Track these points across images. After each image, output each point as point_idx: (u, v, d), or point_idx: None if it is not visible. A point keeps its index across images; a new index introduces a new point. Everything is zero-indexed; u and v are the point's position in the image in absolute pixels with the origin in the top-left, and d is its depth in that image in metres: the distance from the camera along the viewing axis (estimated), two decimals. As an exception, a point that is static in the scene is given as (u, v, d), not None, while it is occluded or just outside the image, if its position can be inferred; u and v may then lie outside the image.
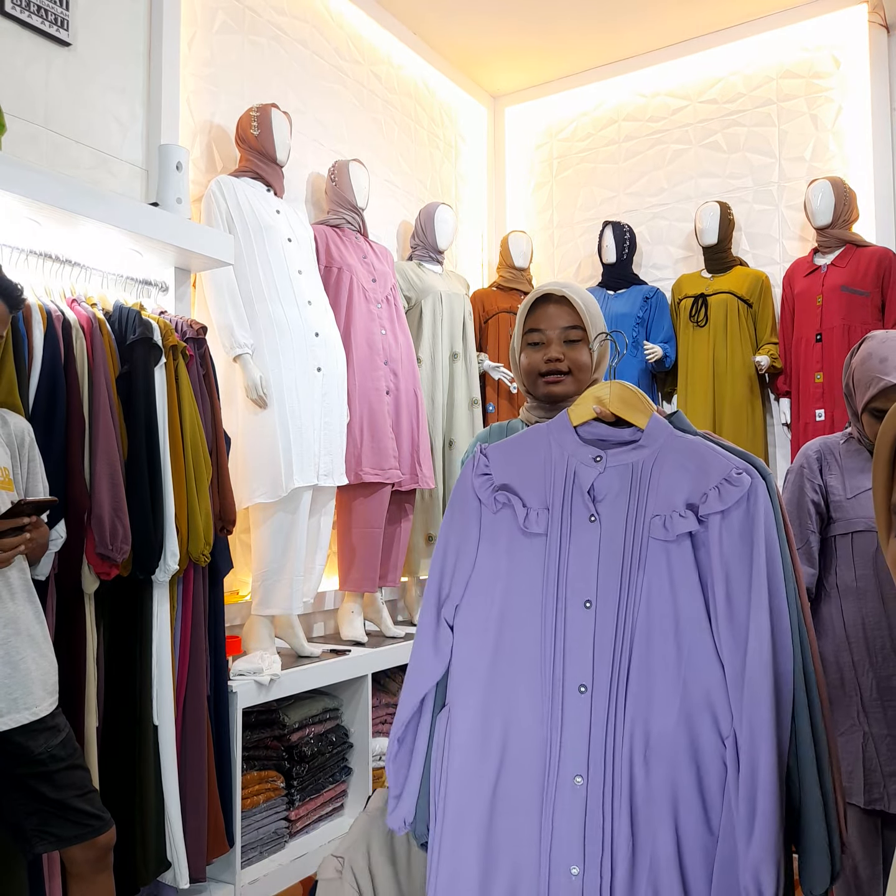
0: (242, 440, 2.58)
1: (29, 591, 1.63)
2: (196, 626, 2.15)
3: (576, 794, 1.10)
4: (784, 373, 3.48)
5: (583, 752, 1.11)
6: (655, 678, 1.11)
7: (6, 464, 1.62)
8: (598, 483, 1.20)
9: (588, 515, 1.19)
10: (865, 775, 1.68)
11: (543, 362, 1.44)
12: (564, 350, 1.44)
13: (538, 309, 1.46)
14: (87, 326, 1.95)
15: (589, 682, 1.13)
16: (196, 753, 2.10)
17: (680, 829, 1.08)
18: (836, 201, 3.31)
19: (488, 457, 1.27)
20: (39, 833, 1.59)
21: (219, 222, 2.62)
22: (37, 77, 2.32)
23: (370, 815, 1.49)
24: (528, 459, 1.25)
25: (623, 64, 4.04)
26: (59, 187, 1.95)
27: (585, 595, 1.16)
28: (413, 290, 3.42)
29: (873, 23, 3.48)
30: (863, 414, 1.71)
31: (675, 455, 1.18)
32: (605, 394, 1.24)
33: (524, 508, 1.22)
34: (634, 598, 1.14)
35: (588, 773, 1.10)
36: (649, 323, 3.71)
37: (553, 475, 1.22)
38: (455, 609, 1.24)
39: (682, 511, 1.14)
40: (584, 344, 1.45)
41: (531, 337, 1.46)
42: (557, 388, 1.44)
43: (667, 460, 1.18)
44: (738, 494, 1.12)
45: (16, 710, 1.53)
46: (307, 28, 3.30)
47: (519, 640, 1.19)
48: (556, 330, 1.44)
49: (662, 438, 1.20)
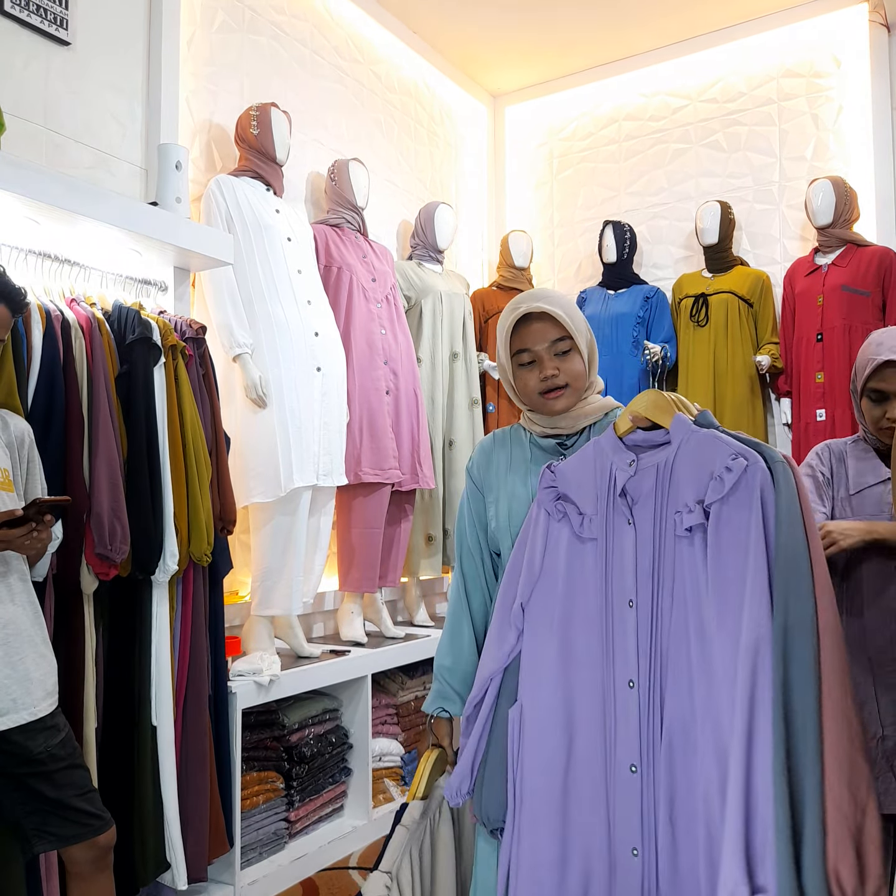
0: (242, 440, 2.57)
1: (28, 591, 1.63)
2: (196, 626, 2.14)
3: (632, 782, 1.20)
4: (785, 373, 3.47)
5: (635, 742, 1.20)
6: (683, 675, 1.17)
7: (6, 465, 1.62)
8: (630, 486, 1.27)
9: (626, 519, 1.27)
10: None
11: (540, 381, 1.43)
12: (557, 364, 1.42)
13: (521, 328, 1.44)
14: (87, 326, 1.94)
15: (636, 678, 1.21)
16: (197, 754, 2.10)
17: (709, 820, 1.12)
18: (837, 201, 3.31)
19: (555, 472, 1.37)
20: (39, 832, 1.59)
21: (218, 222, 2.62)
22: (36, 76, 2.32)
23: (408, 827, 1.49)
24: (585, 470, 1.34)
25: (623, 63, 4.04)
26: (59, 186, 1.95)
27: (628, 595, 1.24)
28: (413, 290, 3.42)
29: (874, 22, 3.47)
30: (862, 399, 1.72)
31: (690, 450, 1.22)
32: (641, 402, 1.31)
33: (579, 515, 1.31)
34: (665, 595, 1.20)
35: (640, 762, 1.20)
36: (650, 323, 3.70)
37: (600, 483, 1.31)
38: (522, 608, 1.34)
39: (692, 505, 1.18)
40: (575, 352, 1.44)
41: (521, 358, 1.44)
42: (559, 403, 1.44)
43: (683, 456, 1.23)
44: (732, 479, 1.13)
45: (14, 710, 1.53)
46: (307, 27, 3.30)
47: (578, 639, 1.28)
48: (544, 345, 1.42)
49: (681, 435, 1.24)
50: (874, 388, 1.69)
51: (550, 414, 1.46)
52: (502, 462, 1.52)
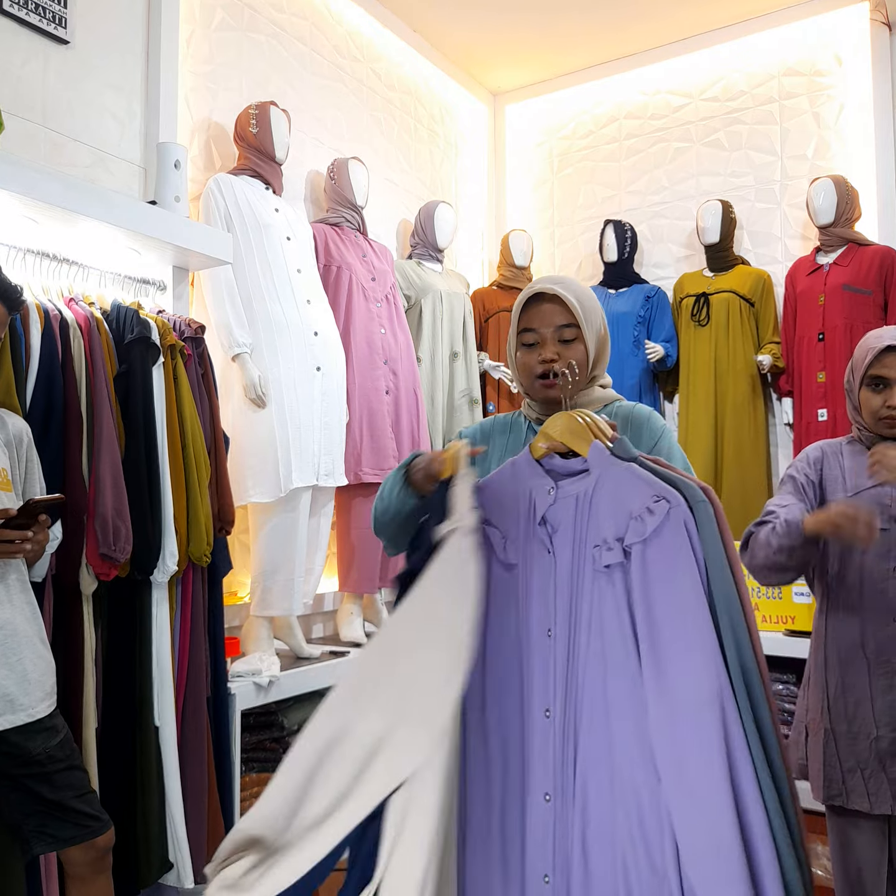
0: (241, 440, 2.56)
1: (26, 592, 1.62)
2: (195, 627, 2.14)
3: (546, 811, 1.18)
4: (786, 372, 3.47)
5: (549, 771, 1.18)
6: (599, 707, 1.15)
7: (5, 465, 1.61)
8: (550, 515, 1.24)
9: (545, 547, 1.23)
10: (825, 771, 1.69)
11: (538, 363, 1.40)
12: (559, 349, 1.40)
13: (532, 307, 1.42)
14: (85, 326, 1.94)
15: (552, 707, 1.18)
16: (196, 755, 2.09)
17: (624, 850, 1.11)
18: (839, 200, 3.30)
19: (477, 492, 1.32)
20: (38, 834, 1.58)
21: (217, 221, 2.61)
22: (35, 75, 2.31)
23: None
24: (505, 492, 1.29)
25: (624, 61, 4.03)
26: (57, 185, 1.94)
27: (547, 624, 1.21)
28: (413, 289, 3.41)
29: (875, 21, 3.46)
30: (861, 390, 1.71)
31: (610, 484, 1.20)
32: (556, 426, 1.27)
33: (502, 539, 1.26)
34: (579, 628, 1.18)
35: (554, 791, 1.17)
36: (651, 322, 3.69)
37: (521, 507, 1.27)
38: None
39: (612, 542, 1.16)
40: (580, 342, 1.42)
41: (525, 337, 1.42)
42: (553, 391, 1.40)
43: (603, 490, 1.20)
44: (654, 523, 1.12)
45: (12, 711, 1.52)
46: (306, 25, 3.29)
47: (500, 666, 1.24)
48: (549, 329, 1.40)
49: (600, 467, 1.21)
50: (875, 374, 1.69)
51: (544, 401, 1.44)
52: (498, 447, 1.49)
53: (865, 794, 1.65)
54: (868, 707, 1.66)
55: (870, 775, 1.65)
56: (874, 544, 1.59)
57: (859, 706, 1.67)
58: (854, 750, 1.67)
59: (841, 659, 1.70)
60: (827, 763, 1.69)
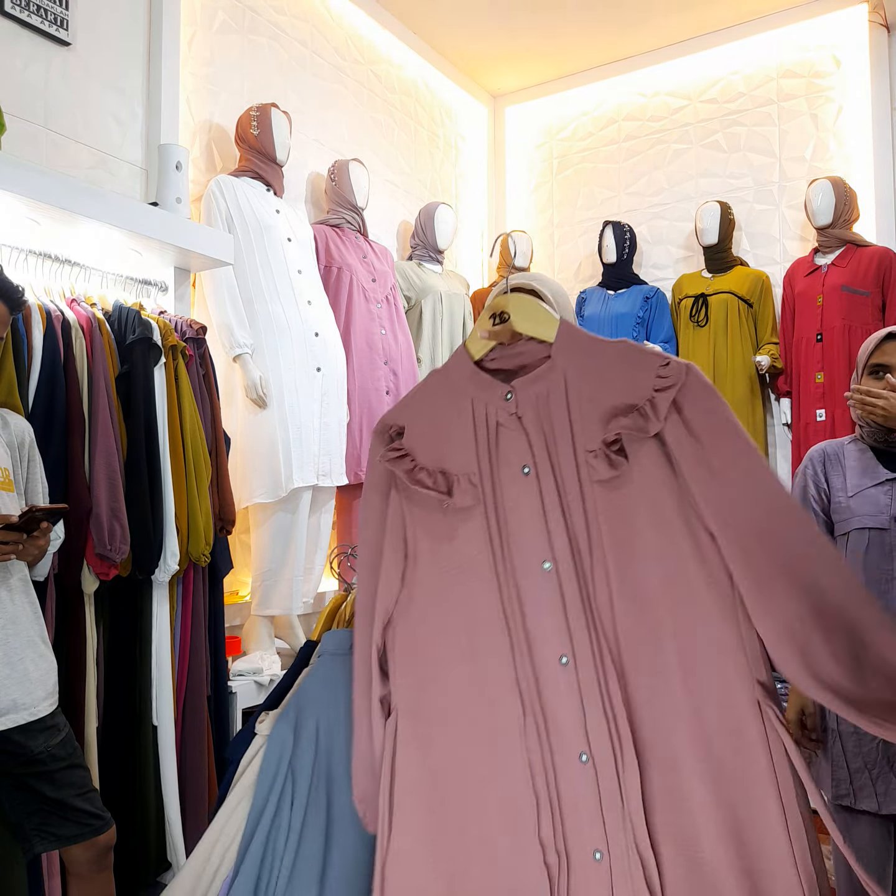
0: (242, 440, 2.57)
1: (28, 591, 1.63)
2: (196, 626, 2.14)
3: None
4: (784, 373, 3.48)
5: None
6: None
7: (6, 464, 1.62)
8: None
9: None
10: (832, 771, 1.69)
11: None
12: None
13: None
14: (87, 326, 1.95)
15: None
16: (196, 754, 2.10)
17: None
18: (837, 201, 3.31)
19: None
20: (39, 832, 1.59)
21: (218, 222, 2.62)
22: (36, 77, 2.32)
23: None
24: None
25: (623, 63, 4.04)
26: (59, 187, 1.95)
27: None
28: (413, 290, 3.42)
29: (874, 22, 3.47)
30: (863, 380, 1.74)
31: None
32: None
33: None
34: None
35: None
36: (649, 323, 3.70)
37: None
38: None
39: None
40: None
41: None
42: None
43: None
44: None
45: (14, 710, 1.53)
46: (307, 27, 3.30)
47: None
48: None
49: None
50: (876, 363, 1.71)
51: None
52: None
53: (873, 795, 1.65)
54: None
55: (877, 775, 1.65)
56: (876, 545, 1.61)
57: None
58: (861, 750, 1.67)
59: None
60: (834, 763, 1.69)
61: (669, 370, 0.97)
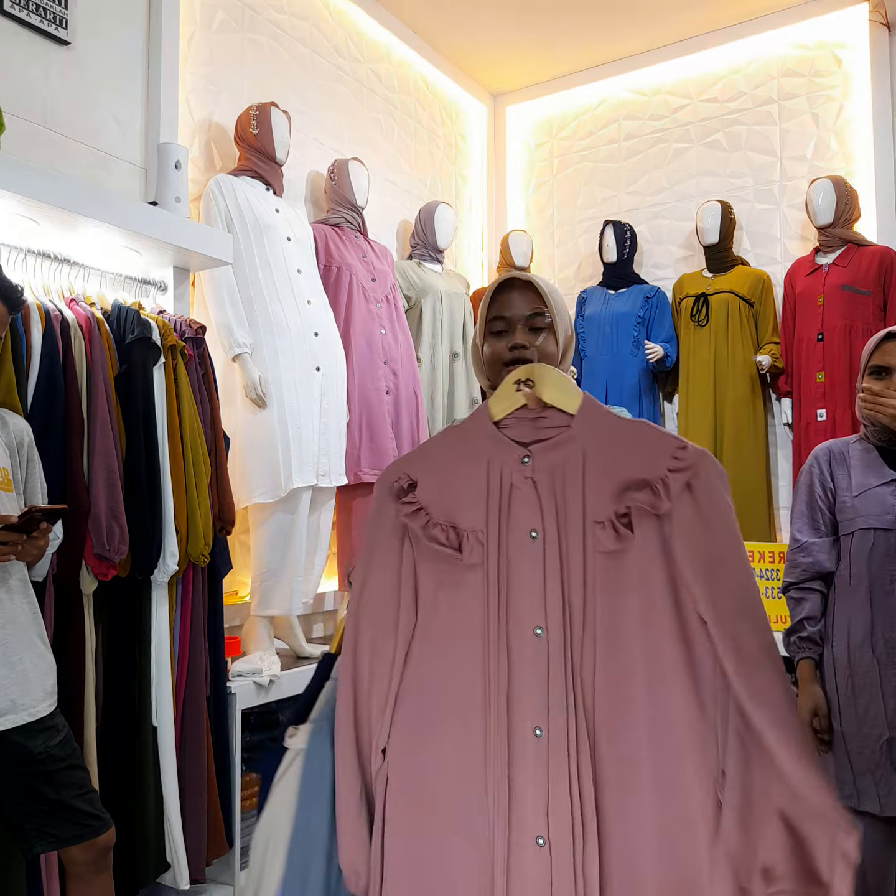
0: (241, 440, 2.57)
1: (27, 591, 1.62)
2: (195, 626, 2.14)
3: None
4: (785, 373, 3.47)
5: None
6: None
7: (5, 464, 1.62)
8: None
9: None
10: (836, 773, 1.68)
11: (508, 350, 1.32)
12: (530, 338, 1.32)
13: (501, 296, 1.35)
14: (86, 326, 1.94)
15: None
16: (195, 755, 2.10)
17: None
18: (838, 200, 3.31)
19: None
20: (39, 833, 1.58)
21: (218, 221, 2.61)
22: (36, 76, 2.31)
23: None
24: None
25: (624, 62, 4.03)
26: (58, 186, 1.95)
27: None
28: (413, 290, 3.41)
29: (874, 21, 3.47)
30: (864, 381, 1.74)
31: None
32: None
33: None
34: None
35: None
36: (650, 322, 3.70)
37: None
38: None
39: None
40: (551, 334, 1.38)
41: (494, 325, 1.34)
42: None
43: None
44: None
45: (13, 710, 1.52)
46: (306, 26, 3.29)
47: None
48: (520, 316, 1.34)
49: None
50: (876, 364, 1.72)
51: None
52: None
53: (876, 797, 1.64)
54: (879, 709, 1.66)
55: (880, 777, 1.64)
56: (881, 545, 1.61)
57: (870, 708, 1.67)
58: (864, 752, 1.67)
59: (850, 660, 1.70)
60: (838, 764, 1.69)
61: (686, 453, 1.00)
